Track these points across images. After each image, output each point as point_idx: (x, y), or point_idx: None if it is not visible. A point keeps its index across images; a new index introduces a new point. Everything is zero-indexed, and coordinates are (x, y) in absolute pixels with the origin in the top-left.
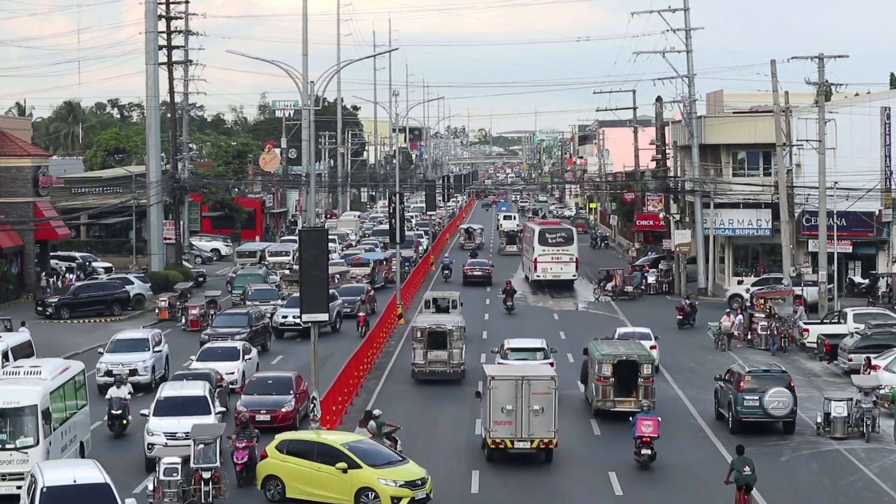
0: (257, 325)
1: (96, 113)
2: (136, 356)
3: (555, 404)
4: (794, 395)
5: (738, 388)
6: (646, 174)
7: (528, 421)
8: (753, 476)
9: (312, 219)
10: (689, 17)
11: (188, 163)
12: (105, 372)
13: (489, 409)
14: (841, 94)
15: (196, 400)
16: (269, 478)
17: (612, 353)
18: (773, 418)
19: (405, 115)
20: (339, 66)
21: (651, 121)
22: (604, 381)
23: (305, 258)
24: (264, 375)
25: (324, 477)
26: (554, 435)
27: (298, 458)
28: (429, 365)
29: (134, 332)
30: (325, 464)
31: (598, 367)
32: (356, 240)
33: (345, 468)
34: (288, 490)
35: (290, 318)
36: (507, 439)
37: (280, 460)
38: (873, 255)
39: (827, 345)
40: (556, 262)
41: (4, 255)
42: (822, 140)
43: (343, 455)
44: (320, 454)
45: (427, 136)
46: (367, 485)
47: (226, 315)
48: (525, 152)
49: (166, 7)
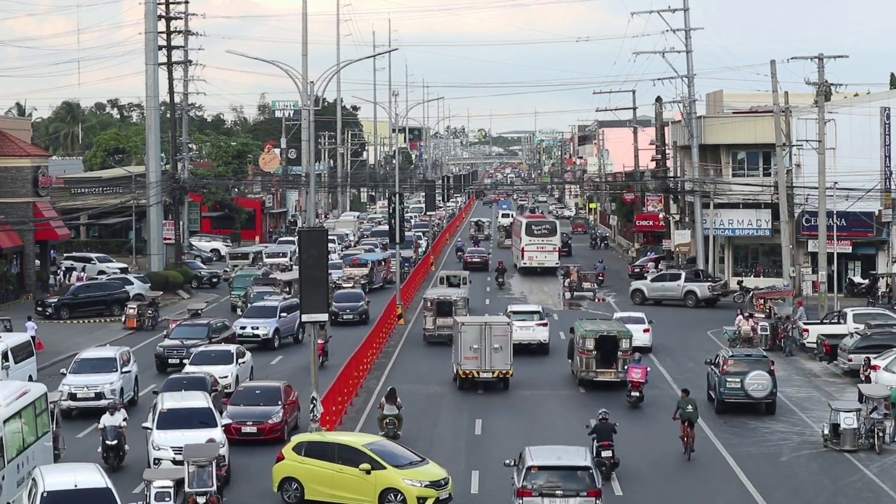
0: (217, 337)
1: (96, 113)
2: (103, 378)
3: (510, 344)
4: (773, 378)
5: (721, 372)
6: (646, 174)
7: (490, 356)
8: (696, 413)
9: (312, 219)
10: (688, 18)
11: (188, 163)
12: (69, 395)
13: (460, 348)
14: (841, 95)
15: (200, 412)
16: (286, 480)
17: (595, 330)
18: (754, 399)
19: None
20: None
21: (651, 121)
22: (587, 354)
23: (305, 259)
24: (252, 385)
25: (346, 478)
26: (510, 367)
27: (317, 460)
28: (437, 329)
29: (100, 350)
30: (346, 465)
31: (582, 342)
32: (355, 240)
33: (368, 469)
34: (307, 492)
35: (249, 329)
36: (473, 371)
37: (298, 462)
38: (873, 256)
39: (827, 345)
40: (541, 252)
41: (4, 255)
42: (821, 140)
43: (366, 456)
44: (341, 455)
45: (427, 137)
46: (391, 486)
47: (184, 326)
48: (525, 152)
49: (166, 7)
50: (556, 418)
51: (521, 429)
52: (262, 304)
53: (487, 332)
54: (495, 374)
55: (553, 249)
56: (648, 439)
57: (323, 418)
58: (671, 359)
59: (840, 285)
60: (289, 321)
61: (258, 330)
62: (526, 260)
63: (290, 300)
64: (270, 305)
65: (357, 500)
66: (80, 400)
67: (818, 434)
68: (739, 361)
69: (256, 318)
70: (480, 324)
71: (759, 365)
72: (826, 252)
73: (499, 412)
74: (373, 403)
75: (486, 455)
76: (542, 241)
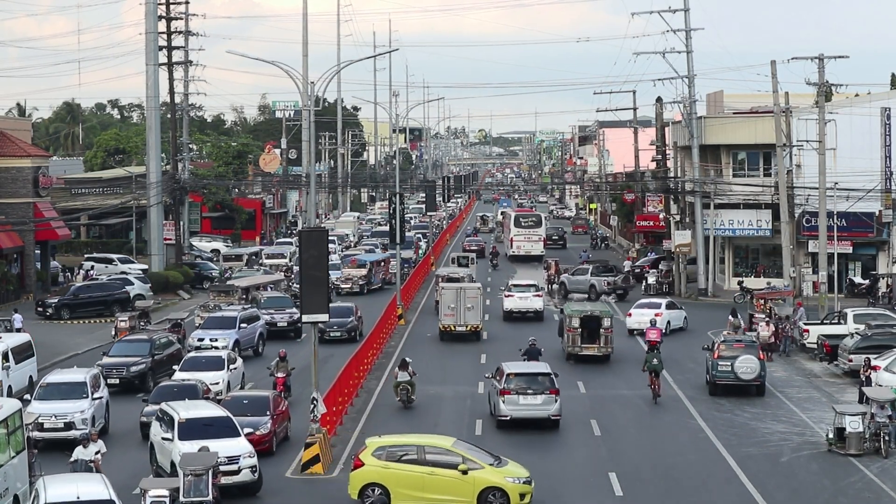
0: (161, 354)
1: (96, 113)
2: (72, 405)
3: (481, 304)
4: (761, 363)
5: (714, 356)
6: (646, 175)
7: (464, 314)
8: (661, 365)
9: (312, 219)
10: (689, 18)
11: (188, 163)
12: (35, 425)
13: (441, 307)
14: (841, 95)
15: (221, 421)
16: (368, 486)
17: (580, 310)
18: (743, 381)
19: (405, 116)
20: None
21: (651, 121)
22: (573, 332)
23: (305, 259)
24: (240, 395)
25: (439, 480)
26: (480, 323)
27: (403, 464)
28: None
29: (68, 373)
30: (438, 467)
31: (569, 321)
32: (355, 241)
33: (465, 470)
34: (394, 497)
35: (207, 340)
36: (451, 325)
37: (381, 467)
38: (873, 256)
39: (827, 345)
40: (528, 241)
41: (4, 255)
42: (822, 140)
43: (460, 456)
44: (431, 457)
45: (427, 137)
46: (493, 484)
47: (124, 342)
48: (525, 153)
49: (166, 7)
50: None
51: (522, 429)
52: (220, 314)
53: (462, 295)
54: (468, 328)
55: (539, 239)
56: (649, 439)
57: (323, 419)
58: (671, 359)
59: (840, 286)
60: (249, 332)
61: (217, 342)
62: (514, 248)
63: (249, 310)
64: (229, 316)
65: (454, 501)
66: (47, 430)
67: (818, 434)
68: (731, 347)
69: (215, 330)
70: (456, 288)
71: (749, 350)
72: (826, 252)
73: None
74: (373, 403)
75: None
76: (529, 231)
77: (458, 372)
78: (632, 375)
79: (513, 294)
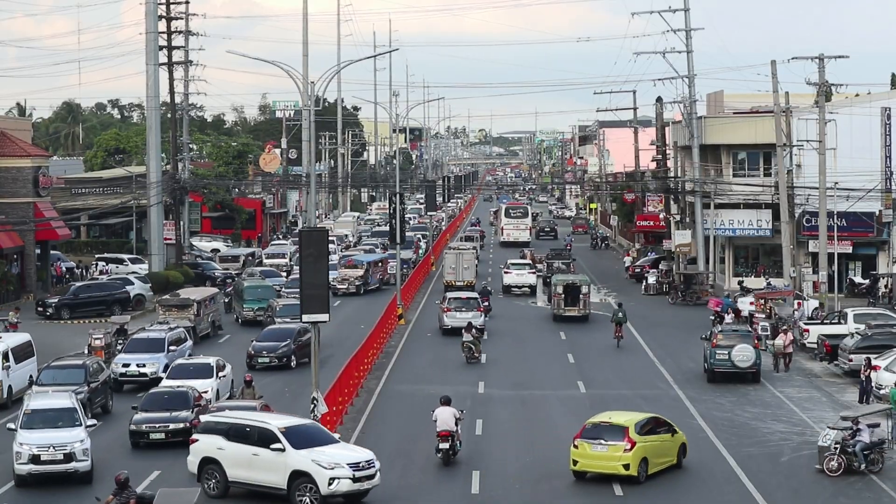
0: (96, 382)
1: (96, 113)
2: (68, 434)
3: (476, 264)
4: (757, 352)
5: (712, 345)
6: (646, 174)
7: (462, 272)
8: (625, 317)
9: (313, 219)
10: (689, 18)
11: (188, 163)
12: (30, 458)
13: (445, 266)
14: (841, 95)
15: (263, 433)
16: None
17: (563, 279)
18: (739, 369)
19: (405, 116)
20: (340, 67)
21: (651, 121)
22: (558, 297)
23: (305, 258)
24: (225, 405)
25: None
26: (473, 279)
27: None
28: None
29: (56, 398)
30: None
31: (553, 288)
32: (354, 241)
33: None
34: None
35: (134, 366)
36: (452, 280)
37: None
38: (873, 256)
39: (827, 345)
40: (516, 230)
41: (5, 255)
42: (822, 140)
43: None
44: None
45: (427, 137)
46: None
47: (54, 369)
48: (525, 153)
49: (166, 7)
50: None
51: (522, 429)
52: (145, 335)
53: (460, 257)
54: (465, 283)
55: (525, 228)
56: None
57: (324, 418)
58: (671, 359)
59: (840, 285)
60: (178, 356)
61: (144, 368)
62: (504, 236)
63: (177, 331)
64: (156, 338)
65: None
66: (44, 463)
67: (819, 435)
68: (728, 336)
69: (141, 354)
70: (456, 252)
71: (745, 339)
72: (826, 252)
73: (499, 413)
74: (373, 404)
75: (486, 455)
76: (518, 221)
77: (458, 372)
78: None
79: (510, 271)
